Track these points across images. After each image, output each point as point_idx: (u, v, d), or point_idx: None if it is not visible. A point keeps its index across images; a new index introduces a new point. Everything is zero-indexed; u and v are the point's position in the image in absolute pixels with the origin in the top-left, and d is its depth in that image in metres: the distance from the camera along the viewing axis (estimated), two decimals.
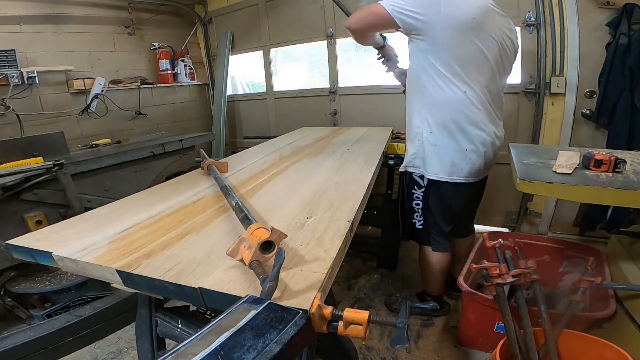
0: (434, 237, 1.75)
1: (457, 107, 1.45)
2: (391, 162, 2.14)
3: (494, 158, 1.62)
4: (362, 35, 1.58)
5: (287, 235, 0.72)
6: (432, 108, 1.50)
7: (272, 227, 0.70)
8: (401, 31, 1.44)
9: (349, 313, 0.56)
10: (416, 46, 1.45)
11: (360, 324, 0.56)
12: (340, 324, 0.57)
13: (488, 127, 1.52)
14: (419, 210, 1.72)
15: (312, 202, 1.07)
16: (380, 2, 1.41)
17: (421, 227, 1.76)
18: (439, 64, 1.41)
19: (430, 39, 1.38)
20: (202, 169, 1.49)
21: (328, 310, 0.57)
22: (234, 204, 0.95)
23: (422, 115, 1.54)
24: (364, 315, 0.55)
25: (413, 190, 1.70)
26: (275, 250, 0.68)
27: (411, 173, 1.68)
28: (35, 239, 0.91)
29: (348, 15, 1.60)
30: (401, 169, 1.75)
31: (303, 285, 0.65)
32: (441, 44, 1.38)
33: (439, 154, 1.54)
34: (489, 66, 1.45)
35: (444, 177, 1.57)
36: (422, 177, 1.64)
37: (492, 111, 1.52)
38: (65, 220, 1.05)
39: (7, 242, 0.90)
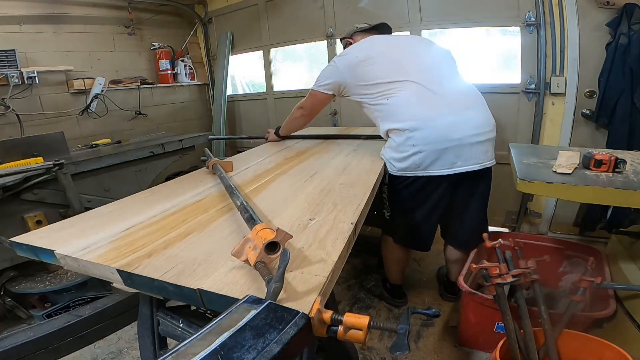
0: (399, 230, 1.80)
1: (390, 112, 1.57)
2: None
3: (445, 145, 1.50)
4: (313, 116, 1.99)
5: (292, 236, 0.72)
6: (381, 120, 1.64)
7: (278, 228, 0.69)
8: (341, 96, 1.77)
9: (349, 318, 0.55)
10: (355, 100, 1.71)
11: (360, 329, 0.54)
12: (340, 328, 0.56)
13: (420, 119, 1.50)
14: (387, 202, 1.80)
15: (315, 203, 1.07)
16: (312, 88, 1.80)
17: (389, 217, 1.83)
18: (368, 94, 1.62)
19: (350, 88, 1.67)
20: (207, 167, 1.49)
21: (328, 314, 0.56)
22: (238, 204, 0.95)
23: (380, 127, 1.67)
24: (364, 320, 0.54)
25: (381, 185, 1.74)
26: (280, 251, 0.68)
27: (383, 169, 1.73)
28: (39, 237, 0.91)
29: None
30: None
31: (303, 288, 0.64)
32: (357, 84, 1.64)
33: (389, 151, 1.62)
34: (406, 73, 1.57)
35: (391, 171, 1.63)
36: (384, 175, 1.68)
37: (433, 103, 1.51)
38: (68, 219, 1.05)
39: (10, 239, 0.91)
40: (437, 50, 1.74)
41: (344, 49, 1.89)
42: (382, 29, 1.90)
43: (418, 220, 1.71)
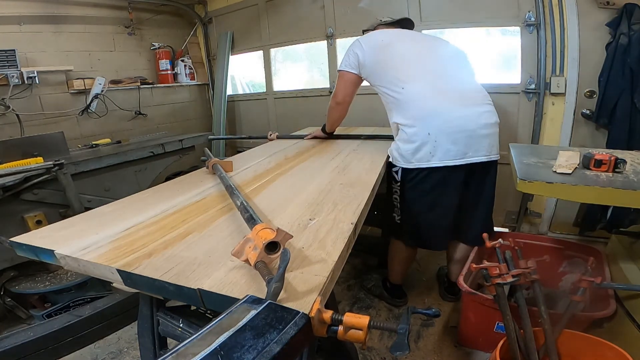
0: (411, 232, 1.79)
1: (405, 102, 1.59)
2: None
3: (460, 134, 1.54)
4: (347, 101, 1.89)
5: (292, 236, 0.72)
6: (394, 111, 1.65)
7: (278, 228, 0.69)
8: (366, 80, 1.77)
9: (349, 318, 0.55)
10: (372, 84, 1.74)
11: (361, 329, 0.54)
12: (340, 328, 0.56)
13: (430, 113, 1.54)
14: (398, 204, 1.78)
15: (315, 203, 1.07)
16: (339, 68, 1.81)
17: (399, 221, 1.81)
18: (384, 80, 1.65)
19: (369, 69, 1.70)
20: (207, 167, 1.50)
21: (328, 314, 0.56)
22: (238, 204, 0.95)
23: (391, 119, 1.69)
24: (364, 320, 0.54)
25: (392, 185, 1.75)
26: (280, 251, 0.68)
27: (390, 168, 1.73)
28: (39, 237, 0.91)
29: None
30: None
31: (303, 288, 0.64)
32: (376, 66, 1.68)
33: (402, 144, 1.63)
34: (423, 65, 1.64)
35: (404, 164, 1.63)
36: (397, 171, 1.69)
37: (446, 97, 1.57)
38: (68, 219, 1.05)
39: (11, 239, 0.90)
40: (455, 52, 1.80)
41: None
42: (405, 23, 1.92)
43: (434, 218, 1.71)
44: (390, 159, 1.69)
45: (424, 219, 1.72)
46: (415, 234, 1.78)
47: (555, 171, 1.23)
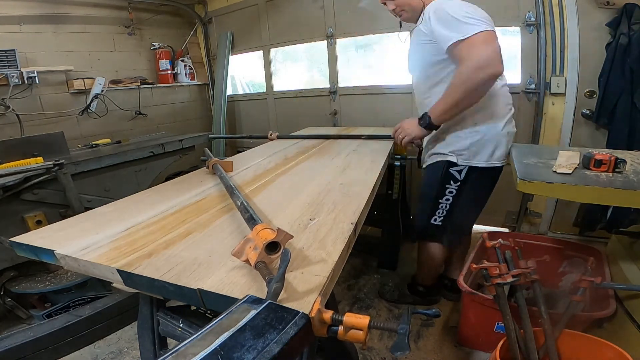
0: (450, 233, 1.78)
1: (492, 97, 1.51)
2: (397, 162, 2.14)
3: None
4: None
5: (292, 236, 0.72)
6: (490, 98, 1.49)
7: (278, 228, 0.69)
8: None
9: (350, 318, 0.55)
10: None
11: (361, 329, 0.54)
12: (341, 328, 0.56)
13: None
14: (448, 205, 1.69)
15: (315, 203, 1.07)
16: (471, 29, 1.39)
17: (440, 223, 1.73)
18: None
19: None
20: (207, 167, 1.50)
21: (328, 314, 0.56)
22: (239, 204, 0.95)
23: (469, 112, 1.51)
24: (364, 320, 0.54)
25: (445, 186, 1.65)
26: (280, 251, 0.68)
27: (447, 168, 1.61)
28: (39, 237, 0.91)
29: None
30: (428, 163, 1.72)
31: (304, 288, 0.64)
32: None
33: (477, 142, 1.56)
34: None
35: (478, 163, 1.58)
36: (460, 171, 1.60)
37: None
38: (68, 219, 1.05)
39: (10, 239, 0.90)
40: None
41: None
42: None
43: (476, 214, 1.82)
44: (451, 158, 1.58)
45: (472, 215, 1.80)
46: (456, 232, 1.81)
47: (555, 171, 1.23)
